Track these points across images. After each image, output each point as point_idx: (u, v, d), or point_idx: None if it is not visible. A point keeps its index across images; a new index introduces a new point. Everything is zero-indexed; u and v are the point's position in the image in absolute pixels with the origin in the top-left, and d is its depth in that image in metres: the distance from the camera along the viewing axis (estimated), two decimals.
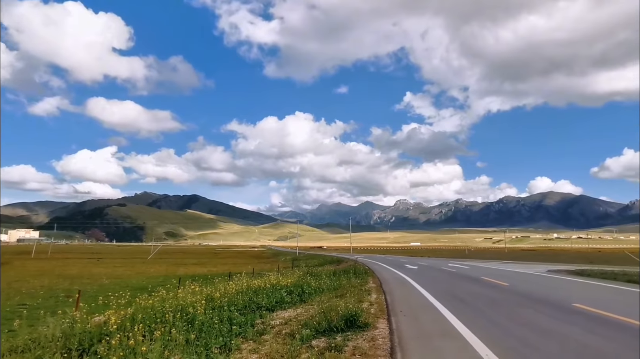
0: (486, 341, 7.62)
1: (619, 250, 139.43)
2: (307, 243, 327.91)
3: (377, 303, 13.29)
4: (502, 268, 34.81)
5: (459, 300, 13.57)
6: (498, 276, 23.74)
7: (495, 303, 12.89)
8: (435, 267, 35.87)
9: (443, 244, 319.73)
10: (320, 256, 76.69)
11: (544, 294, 15.06)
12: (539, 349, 7.11)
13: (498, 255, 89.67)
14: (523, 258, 68.65)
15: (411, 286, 18.87)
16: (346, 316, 9.41)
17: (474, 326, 8.96)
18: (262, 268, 41.61)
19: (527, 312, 11.03)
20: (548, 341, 7.68)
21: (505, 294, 15.23)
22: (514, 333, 8.45)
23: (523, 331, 8.61)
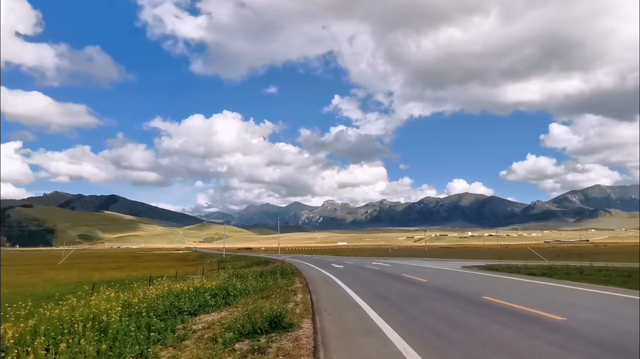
0: (405, 336, 7.97)
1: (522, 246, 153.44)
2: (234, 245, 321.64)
3: (302, 302, 13.37)
4: (422, 265, 36.75)
5: (381, 297, 14.08)
6: (418, 273, 25.01)
7: (415, 298, 13.56)
8: (360, 266, 36.94)
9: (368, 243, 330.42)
10: (247, 258, 75.60)
11: (458, 288, 16.13)
12: (451, 341, 7.58)
13: (419, 253, 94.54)
14: (441, 256, 73.04)
15: (336, 285, 19.26)
16: (271, 317, 9.35)
17: (395, 322, 9.34)
18: (187, 271, 40.10)
19: (443, 306, 11.73)
20: (459, 333, 8.21)
21: (424, 290, 16.08)
22: (431, 326, 8.93)
23: (439, 324, 9.13)
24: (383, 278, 22.33)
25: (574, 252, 76.60)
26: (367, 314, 10.64)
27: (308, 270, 31.53)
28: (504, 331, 8.16)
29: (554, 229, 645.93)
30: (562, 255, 62.49)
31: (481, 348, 7.02)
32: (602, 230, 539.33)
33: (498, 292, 14.54)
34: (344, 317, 10.58)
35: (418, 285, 17.94)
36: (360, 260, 55.23)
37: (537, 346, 6.96)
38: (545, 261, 41.33)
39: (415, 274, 24.19)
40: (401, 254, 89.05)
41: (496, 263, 35.29)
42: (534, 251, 67.39)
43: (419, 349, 6.95)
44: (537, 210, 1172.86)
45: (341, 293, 15.77)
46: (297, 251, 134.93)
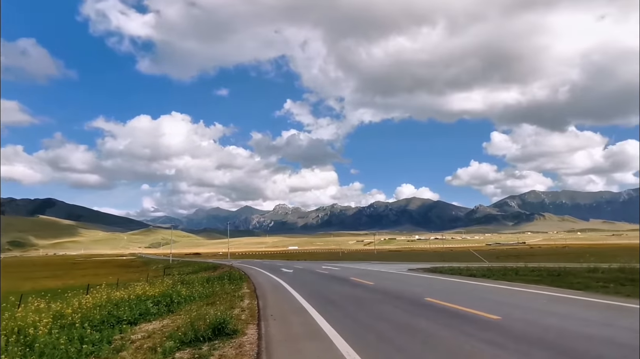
0: (349, 339, 8.05)
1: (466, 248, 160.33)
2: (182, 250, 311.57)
3: (249, 308, 13.18)
4: (370, 268, 37.40)
5: (329, 301, 14.17)
6: (365, 276, 25.42)
7: (361, 301, 13.76)
8: (310, 270, 37.01)
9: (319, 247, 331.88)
10: (195, 263, 73.54)
11: (403, 290, 16.56)
12: (392, 342, 7.76)
13: (368, 256, 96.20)
14: (389, 259, 74.71)
15: (285, 289, 19.16)
16: (214, 324, 9.12)
17: (340, 326, 9.42)
18: (130, 278, 38.33)
19: (387, 308, 11.99)
20: (401, 334, 8.42)
21: (370, 292, 16.36)
22: (374, 329, 9.09)
23: (382, 326, 9.31)
24: (331, 282, 22.50)
25: (511, 254, 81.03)
26: (313, 318, 10.66)
27: (257, 275, 31.17)
28: (443, 331, 8.46)
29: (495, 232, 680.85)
30: (501, 256, 65.91)
31: (420, 347, 7.24)
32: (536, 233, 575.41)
33: (440, 293, 15.07)
34: (290, 322, 10.53)
35: (365, 288, 18.23)
36: (311, 264, 55.35)
37: (472, 344, 7.28)
38: (485, 262, 43.40)
39: (363, 277, 24.57)
40: (351, 258, 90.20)
41: (440, 265, 36.59)
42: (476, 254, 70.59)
43: (361, 352, 7.05)
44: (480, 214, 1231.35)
45: (289, 298, 15.70)
46: (247, 256, 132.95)
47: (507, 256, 68.19)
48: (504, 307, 11.38)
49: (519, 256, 60.18)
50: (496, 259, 54.26)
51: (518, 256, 64.38)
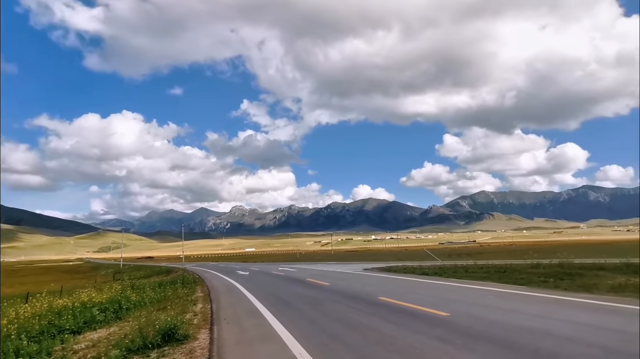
0: (302, 340, 8.03)
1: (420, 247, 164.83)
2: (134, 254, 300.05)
3: (202, 312, 12.88)
4: (327, 269, 37.61)
5: (283, 303, 14.10)
6: (321, 277, 25.53)
7: (316, 302, 13.79)
8: (266, 272, 36.72)
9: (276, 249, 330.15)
10: (147, 267, 71.03)
11: (357, 290, 16.76)
12: (345, 342, 7.82)
13: (325, 257, 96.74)
14: (346, 259, 75.48)
15: (239, 292, 18.88)
16: (165, 330, 8.82)
17: (294, 327, 9.39)
18: (76, 284, 36.49)
19: (342, 308, 12.08)
20: (354, 333, 8.51)
21: (325, 293, 16.44)
22: (328, 329, 9.13)
23: (335, 326, 9.37)
24: (287, 283, 22.42)
25: (462, 252, 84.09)
26: (267, 320, 10.56)
27: (211, 278, 30.54)
28: (395, 329, 8.63)
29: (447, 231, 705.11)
30: (453, 255, 68.31)
31: (372, 346, 7.34)
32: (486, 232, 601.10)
33: (393, 292, 15.38)
34: (243, 325, 10.38)
35: (320, 289, 18.30)
36: (267, 265, 54.92)
37: (422, 341, 7.47)
38: (438, 261, 44.82)
39: (319, 278, 24.66)
40: (308, 259, 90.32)
41: (395, 264, 37.39)
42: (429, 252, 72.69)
43: (314, 352, 7.05)
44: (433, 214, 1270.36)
45: (243, 300, 15.48)
46: (202, 259, 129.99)
47: (459, 254, 70.71)
48: (453, 304, 11.78)
49: (469, 255, 62.62)
50: (448, 257, 56.14)
51: (469, 254, 66.95)
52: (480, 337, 7.57)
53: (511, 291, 14.28)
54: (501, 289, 15.13)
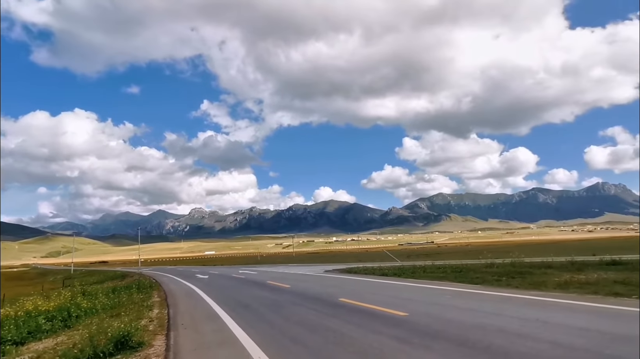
0: (262, 344, 7.93)
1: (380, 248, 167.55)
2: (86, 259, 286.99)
3: (158, 318, 12.46)
4: (288, 271, 37.49)
5: (243, 306, 13.90)
6: (282, 279, 25.40)
7: (276, 305, 13.69)
8: (226, 275, 36.13)
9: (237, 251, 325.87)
10: (101, 273, 68.18)
11: (318, 292, 16.79)
12: (305, 344, 7.79)
13: (287, 259, 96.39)
14: (307, 261, 75.54)
15: (198, 296, 18.45)
16: (117, 337, 8.45)
17: (254, 331, 9.26)
18: (20, 292, 34.45)
19: (302, 311, 12.05)
20: (314, 335, 8.50)
21: (286, 295, 16.36)
22: (288, 332, 9.07)
23: (296, 329, 9.32)
24: (247, 286, 22.14)
25: (421, 253, 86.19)
26: (227, 325, 10.36)
27: (169, 282, 29.69)
28: (355, 330, 8.69)
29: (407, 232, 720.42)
30: (412, 255, 69.83)
31: (333, 347, 7.36)
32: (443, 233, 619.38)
33: (353, 293, 15.52)
34: (201, 330, 10.13)
35: (281, 291, 18.19)
36: (227, 269, 54.05)
37: (381, 341, 7.56)
38: (397, 262, 45.69)
39: (280, 280, 24.52)
40: (269, 261, 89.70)
41: (356, 266, 37.77)
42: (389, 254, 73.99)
43: (274, 356, 6.98)
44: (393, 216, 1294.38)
45: (202, 305, 15.13)
46: (160, 263, 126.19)
47: (417, 255, 72.41)
48: (411, 304, 12.03)
49: (427, 255, 64.24)
50: (407, 258, 57.37)
51: (427, 255, 68.70)
52: (437, 335, 7.76)
53: (467, 290, 14.76)
54: (457, 288, 15.60)
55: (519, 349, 6.50)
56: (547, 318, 8.76)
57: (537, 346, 6.57)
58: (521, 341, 6.96)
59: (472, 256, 40.23)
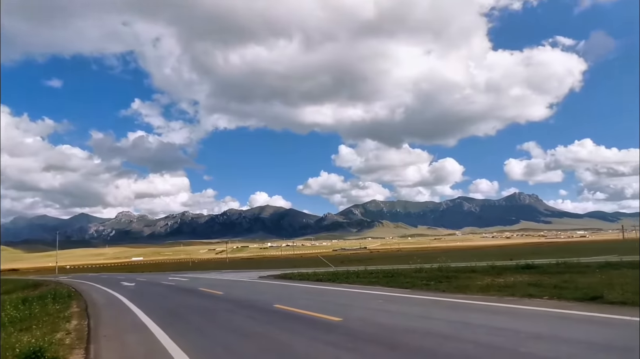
0: (193, 354, 7.61)
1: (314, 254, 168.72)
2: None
3: (76, 330, 11.55)
4: (221, 277, 36.56)
5: (173, 315, 13.31)
6: (215, 286, 24.70)
7: (209, 312, 13.27)
8: (155, 282, 34.47)
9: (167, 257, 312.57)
10: (10, 281, 61.95)
11: (252, 299, 16.53)
12: (239, 352, 7.61)
13: (220, 265, 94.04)
14: (242, 267, 74.22)
15: (124, 305, 17.38)
16: (27, 353, 7.69)
17: (184, 341, 8.87)
18: None
19: (236, 318, 11.78)
20: (249, 343, 8.34)
21: (219, 303, 15.92)
22: (221, 340, 8.81)
23: (229, 337, 9.08)
24: (178, 294, 21.26)
25: (354, 258, 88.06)
26: (155, 335, 9.83)
27: (90, 291, 27.70)
28: (289, 337, 8.64)
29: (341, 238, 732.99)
30: (346, 261, 71.17)
31: (267, 355, 7.25)
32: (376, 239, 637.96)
33: (288, 299, 15.47)
34: (126, 341, 9.52)
35: (213, 298, 17.68)
36: (156, 275, 51.59)
37: (316, 347, 7.58)
38: (332, 267, 46.29)
39: (212, 287, 23.82)
40: (202, 267, 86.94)
41: (290, 271, 37.71)
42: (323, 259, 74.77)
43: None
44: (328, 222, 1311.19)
45: (128, 315, 14.26)
46: (81, 270, 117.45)
47: (351, 260, 73.87)
48: (345, 308, 12.22)
49: (360, 261, 65.73)
50: (341, 263, 58.37)
51: (360, 260, 70.27)
52: (370, 340, 7.93)
53: (398, 295, 15.29)
54: (389, 293, 16.11)
55: (446, 350, 6.83)
56: (471, 320, 9.30)
57: (461, 347, 6.94)
58: (448, 342, 7.32)
59: (402, 262, 41.78)
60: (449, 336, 7.74)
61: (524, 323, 8.71)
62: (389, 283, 20.04)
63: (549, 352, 6.28)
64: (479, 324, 8.73)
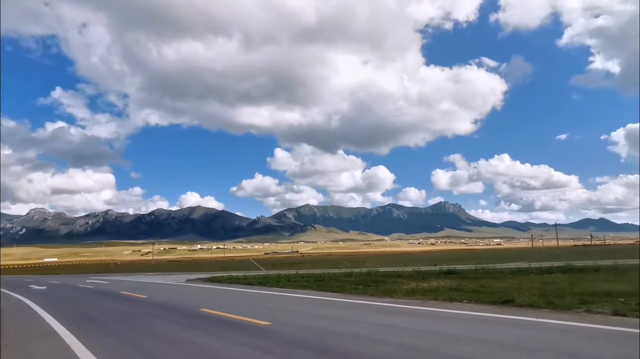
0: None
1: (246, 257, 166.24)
2: None
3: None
4: (145, 280, 34.78)
5: (90, 320, 12.40)
6: (138, 289, 23.42)
7: (130, 317, 12.52)
8: (70, 285, 31.97)
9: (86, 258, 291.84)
10: None
11: (178, 303, 15.88)
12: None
13: (145, 267, 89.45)
14: (168, 269, 71.20)
15: (31, 311, 15.87)
16: None
17: (100, 349, 8.27)
18: None
19: (160, 323, 11.22)
20: (172, 349, 7.96)
21: (142, 307, 15.10)
22: (143, 347, 8.33)
23: (152, 344, 8.61)
24: (96, 298, 19.86)
25: (286, 262, 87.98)
26: (66, 343, 9.06)
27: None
28: (216, 342, 8.39)
29: (273, 241, 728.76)
30: (277, 264, 70.86)
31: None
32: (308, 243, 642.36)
33: (217, 303, 15.05)
34: (32, 350, 8.68)
35: (136, 302, 16.74)
36: (72, 278, 47.92)
37: (243, 352, 7.42)
38: (263, 270, 45.84)
39: (135, 290, 22.56)
40: (125, 269, 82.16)
41: (220, 274, 36.80)
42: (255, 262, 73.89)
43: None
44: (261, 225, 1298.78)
45: (36, 321, 13.03)
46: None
47: (282, 264, 73.73)
48: (274, 312, 12.11)
49: (292, 264, 65.81)
50: (272, 267, 58.04)
51: (291, 264, 70.35)
52: (299, 344, 7.92)
53: (328, 298, 15.46)
54: (319, 296, 16.25)
55: (372, 353, 6.99)
56: (396, 323, 9.63)
57: (387, 349, 7.15)
58: (374, 345, 7.51)
59: (333, 266, 42.36)
60: (376, 339, 7.95)
61: (446, 326, 9.18)
62: (319, 286, 20.21)
63: (466, 353, 6.66)
64: (404, 327, 9.07)
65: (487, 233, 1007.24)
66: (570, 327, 8.36)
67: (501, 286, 15.89)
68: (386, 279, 22.24)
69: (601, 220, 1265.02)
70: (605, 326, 8.21)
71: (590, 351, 6.43)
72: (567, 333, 7.85)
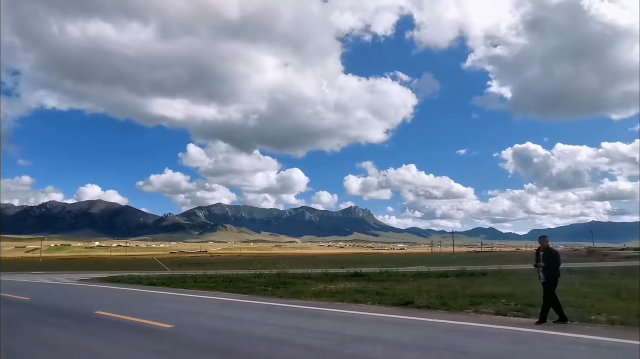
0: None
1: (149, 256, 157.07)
2: None
3: None
4: (29, 280, 31.29)
5: None
6: (20, 290, 20.95)
7: (9, 322, 11.12)
8: None
9: None
10: None
11: (68, 305, 14.51)
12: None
13: (31, 266, 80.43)
14: (59, 268, 64.82)
15: None
16: None
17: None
18: None
19: (46, 328, 10.17)
20: (60, 356, 7.26)
21: (25, 310, 13.54)
22: (24, 356, 7.49)
23: (36, 352, 7.76)
24: None
25: (193, 262, 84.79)
26: None
27: None
28: (112, 347, 7.81)
29: (181, 241, 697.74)
30: (184, 264, 68.01)
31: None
32: (218, 242, 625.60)
33: (113, 305, 14.02)
34: None
35: (17, 305, 14.95)
36: None
37: (142, 357, 7.01)
38: (168, 270, 43.70)
39: (17, 292, 20.14)
40: (6, 268, 72.96)
41: (120, 274, 34.35)
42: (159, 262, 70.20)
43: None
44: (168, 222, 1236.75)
45: None
46: None
47: (190, 264, 70.92)
48: (178, 315, 11.61)
49: (200, 264, 63.57)
50: (178, 267, 55.57)
51: (199, 264, 67.93)
52: (204, 347, 7.67)
53: (235, 300, 15.19)
54: (227, 298, 15.90)
55: (279, 355, 7.02)
56: (304, 324, 9.77)
57: (294, 351, 7.22)
58: (281, 347, 7.53)
59: (243, 267, 41.68)
60: (283, 341, 7.98)
61: (351, 327, 9.51)
62: (227, 288, 19.78)
63: (369, 353, 6.97)
64: (311, 329, 9.22)
65: (392, 238, 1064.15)
66: (461, 326, 9.14)
67: (403, 289, 16.86)
68: (295, 281, 22.43)
69: (490, 229, 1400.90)
70: (490, 325, 9.12)
71: (478, 348, 7.10)
72: (458, 332, 8.57)
